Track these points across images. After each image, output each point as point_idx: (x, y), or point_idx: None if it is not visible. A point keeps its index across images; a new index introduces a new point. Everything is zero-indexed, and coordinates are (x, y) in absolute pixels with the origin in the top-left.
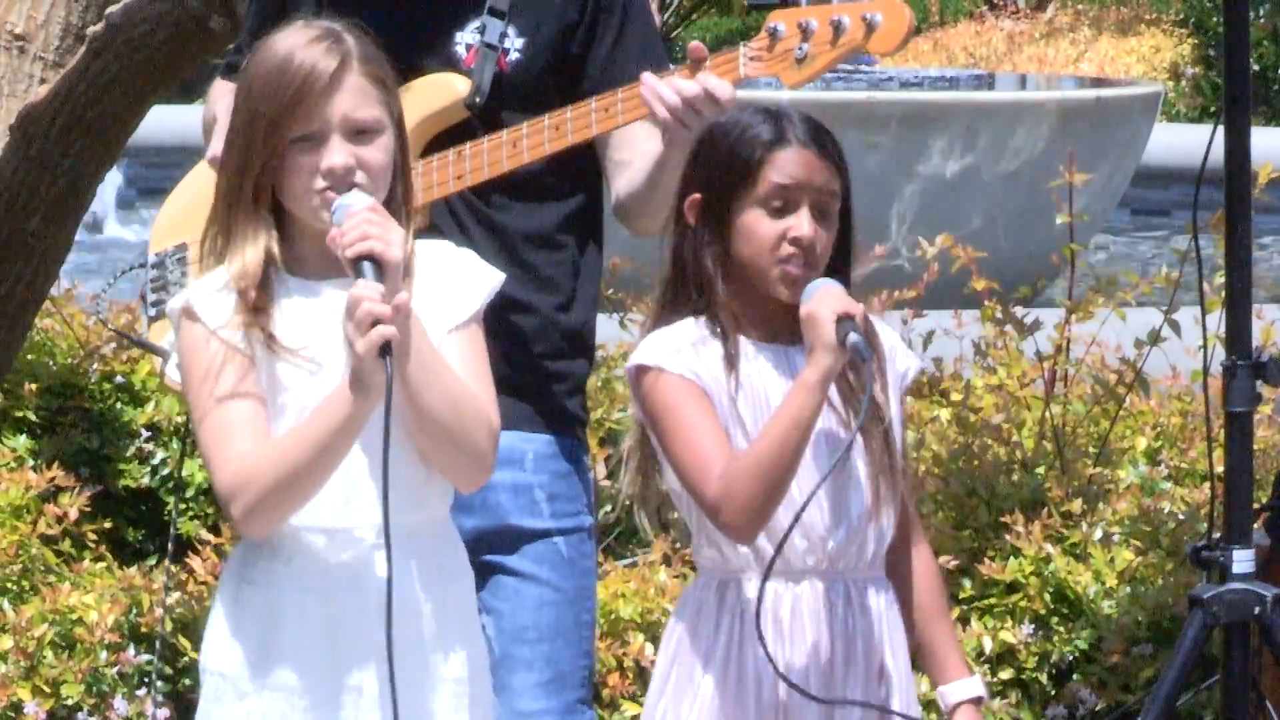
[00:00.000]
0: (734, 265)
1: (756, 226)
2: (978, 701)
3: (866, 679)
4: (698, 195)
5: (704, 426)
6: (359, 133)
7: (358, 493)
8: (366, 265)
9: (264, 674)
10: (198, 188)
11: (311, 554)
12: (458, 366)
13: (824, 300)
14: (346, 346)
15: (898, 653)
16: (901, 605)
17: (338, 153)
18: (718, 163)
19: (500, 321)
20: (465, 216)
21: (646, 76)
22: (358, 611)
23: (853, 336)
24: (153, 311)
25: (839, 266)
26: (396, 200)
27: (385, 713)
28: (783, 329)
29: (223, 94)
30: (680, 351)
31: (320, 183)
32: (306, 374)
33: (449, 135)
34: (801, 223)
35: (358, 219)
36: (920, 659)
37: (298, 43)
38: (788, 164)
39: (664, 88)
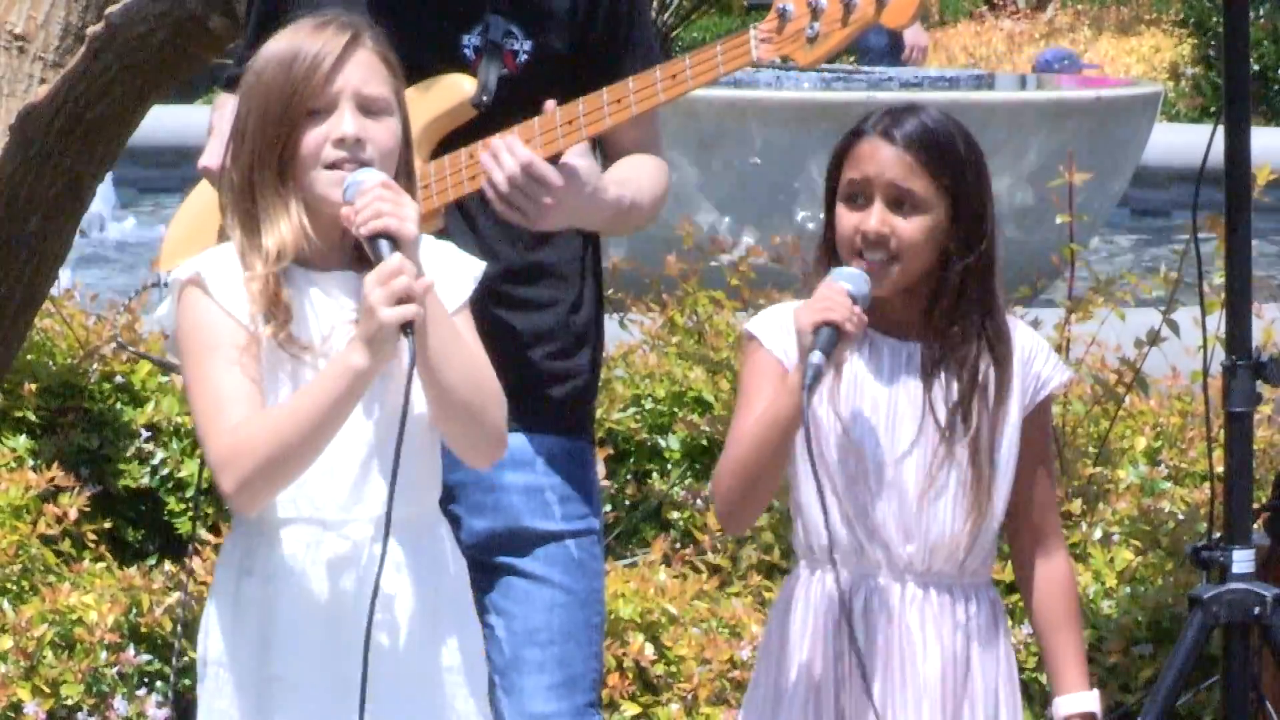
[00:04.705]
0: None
1: (840, 220)
2: (1089, 717)
3: (954, 686)
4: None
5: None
6: (368, 110)
7: (358, 486)
8: (383, 243)
9: (265, 665)
10: (203, 203)
11: (310, 546)
12: None
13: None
14: (364, 314)
15: (995, 663)
16: (1029, 614)
17: (348, 121)
18: (831, 159)
19: (512, 321)
20: (477, 214)
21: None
22: (354, 603)
23: (813, 357)
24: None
25: (965, 262)
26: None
27: (377, 704)
28: (878, 319)
29: (224, 106)
30: (786, 330)
31: (332, 153)
32: (312, 370)
33: (459, 139)
34: (870, 216)
35: (370, 195)
36: (1045, 668)
37: (305, 27)
38: (860, 158)
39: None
